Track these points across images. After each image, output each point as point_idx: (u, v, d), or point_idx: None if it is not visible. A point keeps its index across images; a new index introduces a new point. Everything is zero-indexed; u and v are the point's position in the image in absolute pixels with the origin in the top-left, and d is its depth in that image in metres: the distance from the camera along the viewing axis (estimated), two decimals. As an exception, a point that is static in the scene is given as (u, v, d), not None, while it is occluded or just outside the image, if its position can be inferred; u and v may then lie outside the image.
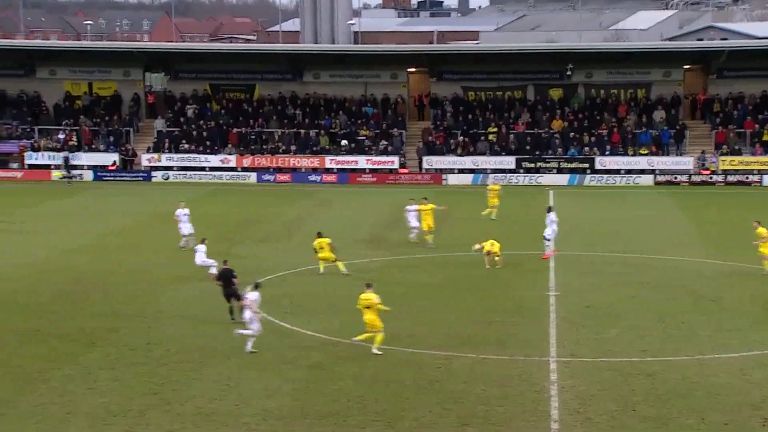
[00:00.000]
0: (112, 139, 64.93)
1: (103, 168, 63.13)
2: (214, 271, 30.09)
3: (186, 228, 37.77)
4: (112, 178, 62.30)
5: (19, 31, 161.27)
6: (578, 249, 37.68)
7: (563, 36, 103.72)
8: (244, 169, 62.70)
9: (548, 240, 35.85)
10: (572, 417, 19.38)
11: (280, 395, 20.61)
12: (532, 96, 65.87)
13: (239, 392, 20.76)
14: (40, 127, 65.73)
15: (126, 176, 62.44)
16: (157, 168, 63.05)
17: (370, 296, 23.95)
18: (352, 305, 28.54)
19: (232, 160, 63.04)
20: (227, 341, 24.62)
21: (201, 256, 31.93)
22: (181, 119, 65.86)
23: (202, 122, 65.38)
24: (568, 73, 64.35)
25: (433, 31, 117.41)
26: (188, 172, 62.74)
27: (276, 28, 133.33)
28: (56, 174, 60.82)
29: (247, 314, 23.74)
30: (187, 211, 38.29)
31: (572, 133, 62.83)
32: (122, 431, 18.53)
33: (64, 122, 65.96)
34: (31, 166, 63.53)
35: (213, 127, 64.85)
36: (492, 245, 34.24)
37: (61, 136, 64.66)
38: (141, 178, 62.43)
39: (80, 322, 26.52)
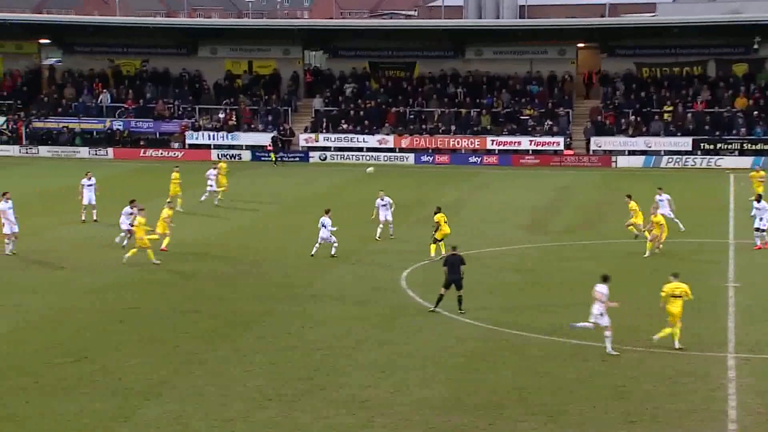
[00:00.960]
0: (270, 118, 66.65)
1: (262, 148, 64.89)
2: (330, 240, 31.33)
3: (87, 198, 39.52)
4: (268, 158, 63.94)
5: (182, 10, 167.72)
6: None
7: (749, 6, 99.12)
8: (402, 150, 63.14)
9: (763, 230, 33.91)
10: (752, 418, 18.63)
11: (436, 384, 20.71)
12: (713, 72, 63.43)
13: (394, 380, 20.98)
14: (200, 106, 68.14)
15: (284, 157, 63.97)
16: (314, 148, 64.34)
17: (680, 285, 23.03)
18: (510, 293, 28.38)
19: (390, 141, 63.61)
20: (382, 326, 24.93)
21: (326, 231, 32.41)
22: (339, 98, 66.91)
23: (360, 101, 66.22)
24: (755, 47, 61.56)
25: (605, 4, 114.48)
26: (345, 153, 63.75)
27: (438, 2, 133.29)
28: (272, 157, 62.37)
29: (597, 308, 22.65)
30: (93, 181, 39.90)
31: (757, 112, 60.14)
32: (277, 415, 19.05)
33: (224, 101, 68.13)
34: (192, 146, 66.01)
35: (371, 107, 65.58)
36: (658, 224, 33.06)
37: (221, 115, 66.83)
38: (298, 159, 63.87)
39: (236, 304, 27.43)
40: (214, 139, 65.48)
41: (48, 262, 32.76)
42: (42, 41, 72.78)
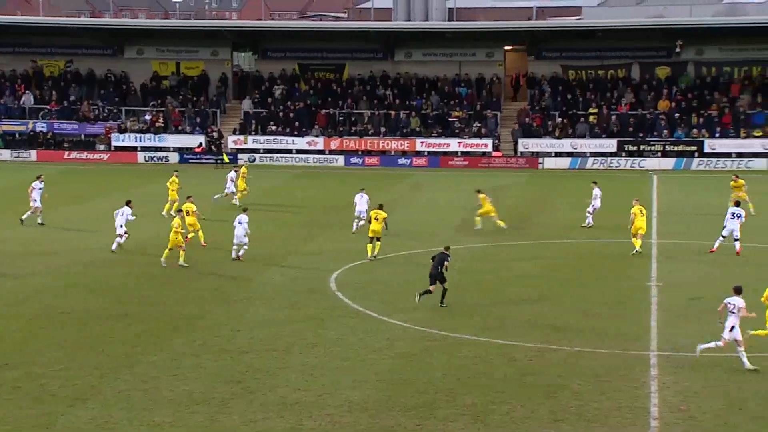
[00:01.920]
0: (198, 120, 66.17)
1: (189, 150, 64.41)
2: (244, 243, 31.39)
3: (36, 202, 39.52)
4: (197, 161, 63.51)
5: (107, 10, 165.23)
6: (683, 237, 36.98)
7: (672, 11, 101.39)
8: (332, 152, 63.26)
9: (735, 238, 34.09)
10: (673, 415, 19.11)
11: (366, 386, 20.82)
12: (637, 75, 64.75)
13: (323, 382, 21.04)
14: (127, 108, 67.35)
15: (212, 159, 63.58)
16: (243, 150, 64.07)
17: None
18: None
19: (319, 143, 63.67)
20: (313, 329, 24.98)
21: (242, 228, 32.39)
22: (269, 100, 66.74)
23: (289, 103, 66.14)
24: (677, 50, 63.05)
25: (531, 7, 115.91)
26: (275, 155, 63.62)
27: (367, 4, 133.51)
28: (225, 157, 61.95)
29: (731, 321, 21.75)
30: (42, 185, 40.06)
31: (679, 114, 61.55)
32: (205, 419, 18.98)
33: (151, 103, 67.44)
34: (117, 148, 65.21)
35: (301, 108, 65.56)
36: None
37: (148, 117, 66.19)
38: (228, 161, 63.49)
39: (166, 307, 27.21)
40: (140, 141, 64.86)
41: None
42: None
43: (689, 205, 44.63)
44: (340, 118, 65.21)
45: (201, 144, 64.60)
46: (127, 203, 35.11)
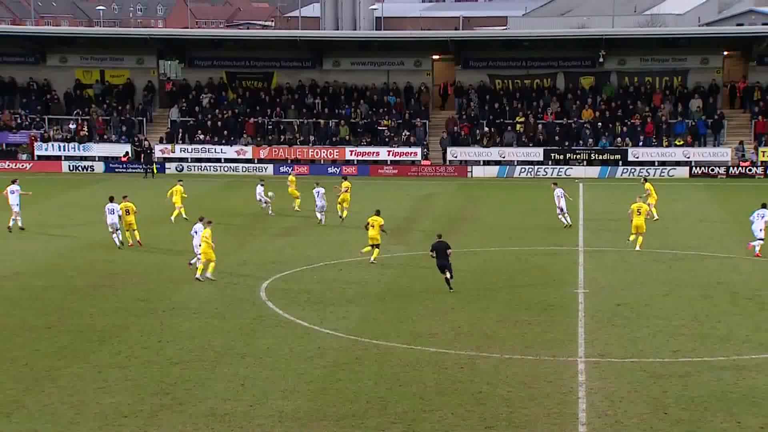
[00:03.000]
0: (124, 129, 65.29)
1: (115, 159, 63.49)
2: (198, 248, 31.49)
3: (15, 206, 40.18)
4: (123, 170, 62.65)
5: (29, 17, 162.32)
6: (608, 245, 37.57)
7: (595, 21, 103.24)
8: (261, 161, 62.95)
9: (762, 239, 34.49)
10: (600, 420, 19.35)
11: (297, 396, 20.70)
12: (561, 84, 65.68)
13: (254, 392, 20.86)
14: (50, 116, 66.20)
15: (138, 168, 62.75)
16: (170, 159, 63.38)
17: None
18: (369, 301, 28.62)
19: (248, 152, 63.29)
20: (242, 339, 24.76)
21: (198, 238, 32.08)
22: (196, 109, 66.19)
23: (217, 112, 65.66)
24: (600, 60, 64.11)
25: (458, 17, 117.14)
26: (203, 164, 63.07)
27: (295, 13, 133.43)
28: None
29: None
30: (18, 188, 40.76)
31: (603, 123, 62.59)
32: (133, 432, 18.68)
33: (75, 111, 66.37)
34: (41, 158, 64.00)
35: (229, 117, 65.13)
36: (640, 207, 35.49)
37: (72, 126, 65.11)
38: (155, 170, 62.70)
39: (91, 319, 26.73)
40: (65, 150, 63.75)
41: None
42: None
43: (615, 213, 45.36)
44: (269, 127, 64.94)
45: (127, 153, 63.77)
46: (112, 199, 36.94)
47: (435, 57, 66.96)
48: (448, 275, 29.65)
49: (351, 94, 66.40)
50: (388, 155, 62.85)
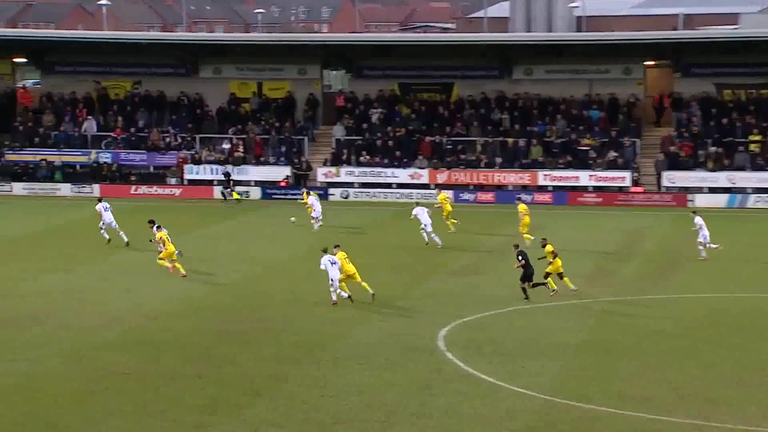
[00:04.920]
0: (283, 149, 66.89)
1: (273, 184, 65.07)
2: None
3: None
4: (282, 196, 64.13)
5: (180, 23, 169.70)
6: None
7: None
8: (438, 186, 63.10)
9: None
10: None
11: (481, 466, 20.52)
12: (810, 94, 63.25)
13: (430, 460, 20.80)
14: (201, 135, 68.52)
15: (299, 194, 64.06)
16: (334, 184, 64.50)
17: None
18: (567, 354, 28.15)
19: (424, 175, 63.68)
20: (417, 396, 24.77)
21: (335, 270, 33.61)
22: (364, 125, 67.19)
23: (389, 129, 66.47)
24: None
25: (677, 14, 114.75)
26: (371, 190, 63.83)
27: (480, 13, 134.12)
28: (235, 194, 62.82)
29: None
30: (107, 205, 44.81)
31: None
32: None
33: (229, 130, 68.42)
34: (191, 182, 66.31)
35: (402, 135, 65.78)
36: None
37: (225, 146, 67.11)
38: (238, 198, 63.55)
39: (244, 367, 27.35)
40: (217, 173, 65.61)
41: (18, 319, 32.79)
42: (17, 60, 73.81)
43: None
44: (448, 147, 65.21)
45: (287, 177, 65.23)
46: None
47: (648, 63, 65.74)
48: (527, 285, 34.08)
49: (545, 108, 65.96)
50: (590, 180, 61.96)
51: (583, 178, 62.13)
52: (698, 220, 42.65)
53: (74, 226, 52.32)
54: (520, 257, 34.56)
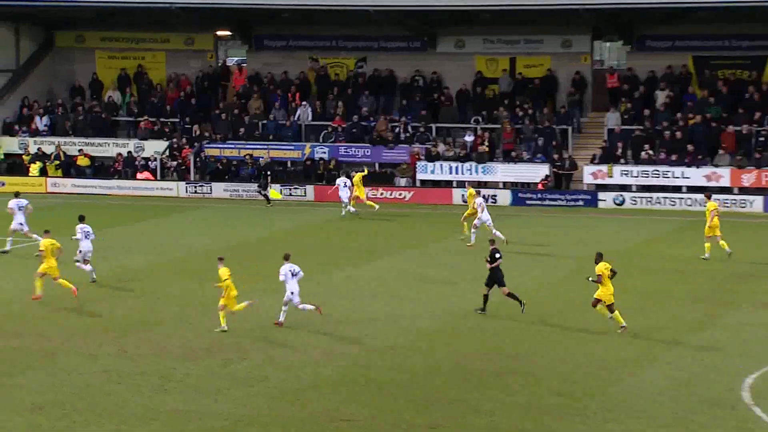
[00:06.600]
0: (541, 142, 66.53)
1: (528, 186, 64.83)
2: None
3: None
4: (539, 202, 63.82)
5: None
6: None
7: None
8: (744, 191, 61.60)
9: None
10: None
11: None
12: None
13: None
14: (438, 125, 68.96)
15: (560, 199, 63.70)
16: (605, 187, 63.74)
17: None
18: None
19: (725, 176, 62.24)
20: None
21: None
22: (646, 112, 66.19)
23: (678, 116, 65.30)
24: None
25: None
26: (654, 194, 62.76)
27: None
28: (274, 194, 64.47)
29: None
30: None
31: None
32: None
33: (473, 119, 68.62)
34: (424, 183, 66.72)
35: (697, 125, 64.51)
36: None
37: (467, 138, 67.26)
38: (582, 203, 63.35)
39: (492, 418, 27.25)
40: (457, 172, 65.79)
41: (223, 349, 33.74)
42: (220, 33, 75.62)
43: None
44: (760, 140, 63.46)
45: (547, 177, 64.86)
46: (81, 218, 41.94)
47: None
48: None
49: None
50: None
51: None
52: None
53: (295, 235, 53.34)
54: (497, 255, 36.37)
